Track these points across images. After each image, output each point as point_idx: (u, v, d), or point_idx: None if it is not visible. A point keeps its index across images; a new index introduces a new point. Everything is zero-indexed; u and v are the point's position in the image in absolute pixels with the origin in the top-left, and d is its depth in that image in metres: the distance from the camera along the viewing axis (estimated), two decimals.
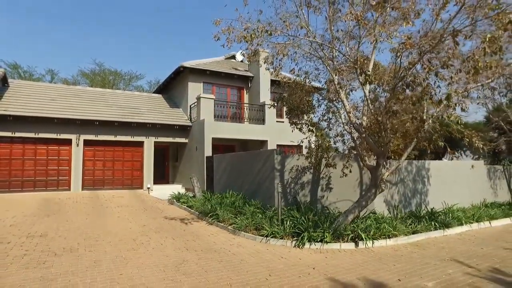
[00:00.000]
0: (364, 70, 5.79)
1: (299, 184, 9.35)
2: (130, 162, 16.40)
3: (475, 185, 12.20)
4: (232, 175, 12.04)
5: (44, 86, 18.13)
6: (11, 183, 14.12)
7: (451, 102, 5.62)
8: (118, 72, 34.85)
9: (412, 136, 6.87)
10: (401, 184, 9.94)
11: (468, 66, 4.86)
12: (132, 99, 18.43)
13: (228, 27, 6.54)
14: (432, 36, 5.21)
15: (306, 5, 7.08)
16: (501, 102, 13.13)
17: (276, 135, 16.33)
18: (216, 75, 17.41)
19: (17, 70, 30.43)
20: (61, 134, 14.78)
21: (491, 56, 4.58)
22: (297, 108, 9.06)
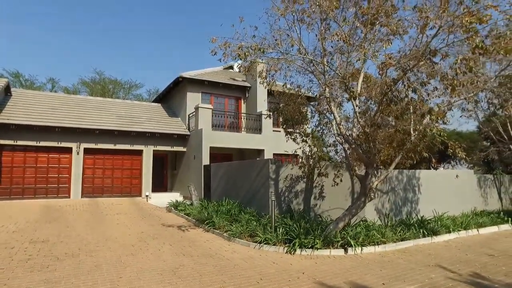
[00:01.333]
0: (349, 86, 6.16)
1: (293, 192, 9.67)
2: (129, 170, 16.70)
3: (466, 194, 12.54)
4: (228, 183, 12.36)
5: (46, 95, 18.52)
6: (12, 190, 14.39)
7: (433, 116, 6.00)
8: (118, 81, 35.37)
9: (399, 147, 7.22)
10: (392, 193, 10.27)
11: (445, 83, 5.23)
12: (131, 108, 18.81)
13: (224, 42, 6.92)
14: (412, 55, 5.59)
15: (299, 21, 7.50)
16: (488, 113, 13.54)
17: (273, 144, 16.68)
18: (214, 85, 17.84)
19: (19, 78, 30.90)
20: (62, 143, 15.10)
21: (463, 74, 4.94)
22: (292, 119, 9.46)
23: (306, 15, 7.31)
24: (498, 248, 8.08)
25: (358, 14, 6.97)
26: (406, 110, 5.74)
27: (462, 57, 4.74)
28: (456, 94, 6.61)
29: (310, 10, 7.16)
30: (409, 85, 5.51)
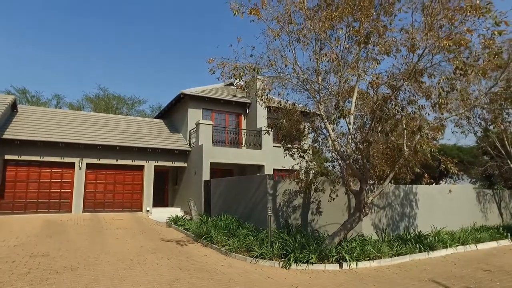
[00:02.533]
0: (340, 105, 6.39)
1: (291, 207, 9.78)
2: (131, 185, 16.88)
3: (465, 209, 12.56)
4: (228, 199, 12.49)
5: (51, 111, 18.92)
6: (15, 205, 14.56)
7: (423, 132, 6.19)
8: (121, 97, 35.95)
9: (392, 163, 7.38)
10: (389, 208, 10.35)
11: (432, 102, 5.45)
12: (134, 124, 19.15)
13: (221, 62, 7.22)
14: (400, 74, 5.84)
15: (295, 41, 7.82)
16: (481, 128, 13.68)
17: (273, 160, 16.86)
18: (215, 102, 18.19)
19: (25, 95, 31.54)
20: (65, 158, 15.36)
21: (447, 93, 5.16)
22: (289, 135, 9.67)
23: (301, 35, 7.63)
24: (495, 263, 8.09)
25: (352, 34, 7.29)
26: (396, 127, 5.94)
27: (445, 77, 4.98)
28: (446, 111, 6.83)
29: (305, 31, 7.48)
30: (396, 103, 5.73)
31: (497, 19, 4.69)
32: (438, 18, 5.26)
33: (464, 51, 5.14)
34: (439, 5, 5.60)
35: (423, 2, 5.62)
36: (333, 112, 9.06)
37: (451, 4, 5.66)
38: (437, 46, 5.03)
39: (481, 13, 4.73)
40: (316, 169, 9.20)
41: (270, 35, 7.55)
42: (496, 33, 4.79)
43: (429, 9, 5.37)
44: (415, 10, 6.41)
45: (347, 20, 7.34)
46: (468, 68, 4.73)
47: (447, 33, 5.01)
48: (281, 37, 7.52)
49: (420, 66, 6.11)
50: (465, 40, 4.76)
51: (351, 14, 7.12)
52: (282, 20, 7.35)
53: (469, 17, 4.97)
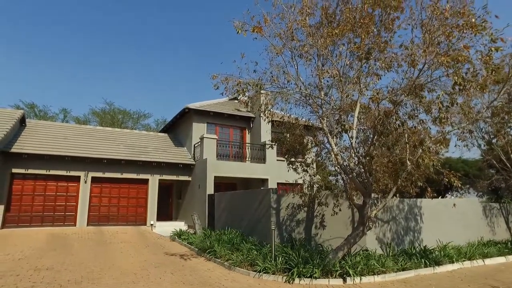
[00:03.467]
0: (341, 120, 6.49)
1: (294, 221, 9.76)
2: (135, 199, 16.95)
3: (471, 223, 12.42)
4: (232, 212, 12.49)
5: (57, 125, 19.23)
6: (20, 218, 14.66)
7: (425, 146, 6.23)
8: (127, 111, 36.40)
9: (395, 177, 7.40)
10: (393, 222, 10.28)
11: (432, 116, 5.53)
12: (139, 138, 19.35)
13: (225, 78, 7.38)
14: (401, 89, 5.94)
15: (298, 56, 7.99)
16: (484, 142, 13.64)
17: (277, 174, 16.88)
18: (219, 116, 18.38)
19: (34, 109, 32.08)
20: (71, 171, 15.53)
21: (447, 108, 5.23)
22: (293, 149, 9.75)
23: (303, 51, 7.80)
24: (503, 279, 7.96)
25: (353, 50, 7.43)
26: (398, 141, 6.00)
27: (444, 92, 5.06)
28: (448, 125, 6.88)
29: (307, 47, 7.65)
30: (396, 118, 5.81)
31: (493, 36, 4.80)
32: (436, 35, 5.39)
33: (463, 66, 5.23)
34: (437, 22, 5.73)
35: (422, 19, 5.77)
36: (335, 126, 9.16)
37: (449, 21, 5.80)
38: (436, 62, 5.13)
39: (477, 31, 4.85)
40: (320, 183, 9.22)
41: (273, 51, 7.73)
42: (493, 49, 4.89)
43: (427, 26, 5.51)
44: (415, 27, 6.56)
45: (348, 36, 7.51)
46: (467, 83, 4.82)
47: (445, 49, 5.12)
48: (284, 53, 7.70)
49: (421, 81, 6.21)
50: (463, 56, 4.86)
51: (352, 31, 7.29)
52: (284, 37, 7.53)
53: (466, 34, 5.10)
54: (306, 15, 7.71)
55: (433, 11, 5.55)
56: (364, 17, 6.97)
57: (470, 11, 5.21)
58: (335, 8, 7.92)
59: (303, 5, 7.73)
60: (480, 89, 4.86)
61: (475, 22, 4.93)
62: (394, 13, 7.16)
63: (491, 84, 6.16)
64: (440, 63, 4.96)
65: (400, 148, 6.93)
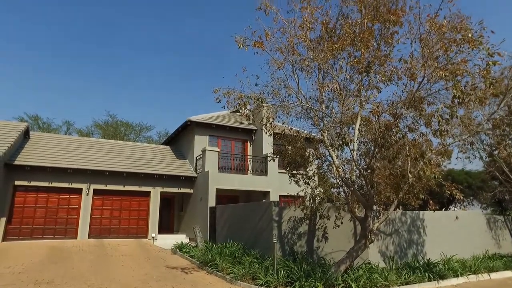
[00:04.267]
0: (342, 134, 6.53)
1: (296, 234, 9.71)
2: (137, 211, 16.90)
3: (475, 236, 12.29)
4: (233, 225, 12.43)
5: (61, 137, 19.36)
6: (22, 230, 14.61)
7: (426, 158, 6.25)
8: (129, 123, 36.64)
9: (397, 189, 7.39)
10: (396, 235, 10.20)
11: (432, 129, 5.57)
12: (141, 151, 19.43)
13: (227, 91, 7.47)
14: (401, 102, 6.00)
15: (299, 69, 8.09)
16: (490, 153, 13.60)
17: (279, 186, 16.84)
18: (221, 129, 18.47)
19: (37, 121, 32.37)
20: (73, 184, 15.55)
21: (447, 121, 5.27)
22: (294, 162, 9.76)
23: (304, 65, 7.91)
24: None
25: (353, 64, 7.54)
26: (398, 154, 6.03)
27: (443, 105, 5.12)
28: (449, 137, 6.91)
29: (307, 61, 7.76)
30: (397, 131, 5.86)
31: (489, 50, 4.89)
32: (434, 49, 5.48)
33: (462, 80, 5.30)
34: (436, 36, 5.84)
35: (420, 34, 5.88)
36: (336, 139, 9.20)
37: (447, 35, 5.90)
38: (435, 75, 5.21)
39: (474, 45, 4.93)
40: (322, 196, 9.21)
41: (274, 65, 7.84)
42: (491, 63, 4.97)
43: (425, 41, 5.61)
44: (413, 41, 6.67)
45: (348, 50, 7.63)
46: (466, 96, 4.88)
47: (443, 63, 5.20)
48: (285, 66, 7.81)
49: (421, 94, 6.28)
50: (461, 70, 4.94)
51: (352, 45, 7.40)
52: (285, 51, 7.66)
53: (464, 48, 5.18)
54: (307, 29, 7.85)
55: (431, 26, 5.67)
56: (364, 32, 7.09)
57: (467, 26, 5.32)
58: (335, 23, 8.08)
59: (304, 20, 7.88)
60: (479, 102, 4.91)
61: (472, 37, 5.03)
62: (393, 28, 7.30)
63: (490, 96, 6.23)
64: (439, 76, 5.04)
65: (401, 160, 6.95)
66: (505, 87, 8.35)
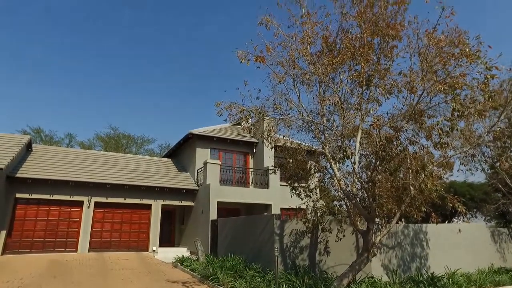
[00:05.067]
0: (343, 147, 6.57)
1: (298, 248, 9.63)
2: (137, 224, 16.83)
3: (480, 249, 12.15)
4: (235, 238, 12.35)
5: (63, 150, 19.44)
6: (21, 244, 14.53)
7: (427, 171, 6.26)
8: (131, 136, 36.80)
9: (399, 202, 7.37)
10: (399, 248, 10.11)
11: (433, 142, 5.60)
12: (142, 163, 19.46)
13: (229, 105, 7.55)
14: (402, 115, 6.06)
15: (300, 83, 8.19)
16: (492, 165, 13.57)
17: (280, 199, 16.79)
18: (222, 141, 18.54)
19: (40, 134, 32.56)
20: (74, 196, 15.54)
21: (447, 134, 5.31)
22: (296, 174, 9.77)
23: (305, 78, 8.01)
24: None
25: (354, 77, 7.63)
26: (399, 166, 6.05)
27: (443, 118, 5.17)
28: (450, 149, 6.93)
29: (308, 75, 7.86)
30: (398, 144, 5.90)
31: (487, 64, 4.97)
32: (433, 63, 5.57)
33: (461, 93, 5.37)
34: (434, 50, 5.94)
35: (419, 48, 5.98)
36: (337, 152, 9.23)
37: (446, 49, 6.00)
38: (434, 89, 5.28)
39: (471, 60, 5.02)
40: (323, 208, 9.18)
41: (275, 79, 7.95)
42: (489, 77, 5.04)
43: (424, 55, 5.70)
44: (413, 55, 6.77)
45: (348, 64, 7.74)
46: (465, 109, 4.94)
47: (442, 77, 5.28)
48: (286, 80, 7.91)
49: (421, 106, 6.34)
50: (459, 83, 5.01)
51: (352, 59, 7.51)
52: (286, 65, 7.77)
53: (462, 62, 5.27)
54: (307, 44, 7.99)
55: (429, 41, 5.77)
56: (364, 46, 7.21)
57: (465, 41, 5.42)
58: (335, 37, 8.21)
59: (304, 35, 8.02)
60: (479, 115, 4.97)
61: (470, 51, 5.12)
62: (393, 42, 7.42)
63: (490, 109, 6.29)
64: (438, 90, 5.11)
65: (403, 173, 6.97)
66: (505, 100, 8.40)
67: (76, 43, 58.90)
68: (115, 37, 63.38)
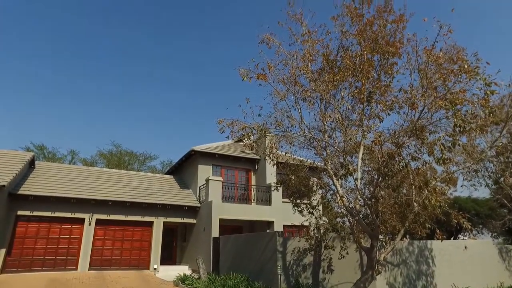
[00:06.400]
0: (345, 164, 6.58)
1: (301, 266, 9.48)
2: (139, 242, 16.65)
3: (488, 267, 11.90)
4: (237, 256, 12.18)
5: (65, 167, 19.49)
6: (21, 262, 14.34)
7: (430, 187, 6.22)
8: (133, 153, 36.88)
9: (402, 218, 7.30)
10: (404, 265, 9.93)
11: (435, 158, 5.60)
12: (144, 180, 19.43)
13: (231, 122, 7.61)
14: (403, 131, 6.08)
15: (302, 99, 8.26)
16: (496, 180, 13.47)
17: (283, 216, 16.62)
18: (224, 158, 18.54)
19: (43, 151, 32.71)
20: (76, 213, 15.44)
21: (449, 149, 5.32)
22: (298, 191, 9.72)
23: (306, 95, 8.09)
24: None
25: (355, 94, 7.71)
26: (402, 182, 6.03)
27: (444, 134, 5.19)
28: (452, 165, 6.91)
29: (309, 92, 7.95)
30: (400, 160, 5.90)
31: (486, 80, 5.03)
32: (433, 79, 5.64)
33: (462, 108, 5.41)
34: (434, 67, 6.02)
35: (418, 64, 6.07)
36: (340, 168, 9.21)
37: (445, 65, 6.08)
38: (435, 105, 5.33)
39: (470, 76, 5.08)
40: (326, 225, 9.08)
41: (277, 96, 8.03)
42: (489, 92, 5.09)
43: (424, 72, 5.78)
44: (412, 71, 6.86)
45: (349, 81, 7.83)
46: (467, 124, 4.96)
47: (442, 93, 5.33)
48: (287, 97, 7.99)
49: (422, 122, 6.37)
50: (460, 99, 5.06)
51: (353, 76, 7.61)
52: (287, 82, 7.87)
53: (462, 79, 5.34)
54: (308, 61, 8.11)
55: (428, 57, 5.86)
56: (364, 63, 7.31)
57: (463, 58, 5.50)
58: (335, 55, 8.34)
59: (305, 53, 8.16)
60: (480, 131, 4.98)
61: (469, 67, 5.19)
62: (392, 58, 7.53)
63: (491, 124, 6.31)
64: (439, 106, 5.15)
65: (406, 189, 6.93)
66: (506, 114, 8.43)
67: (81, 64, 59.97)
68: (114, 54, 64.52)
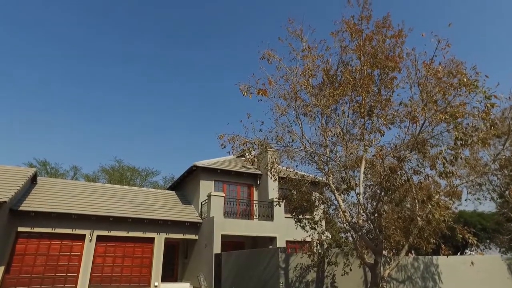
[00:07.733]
0: (347, 179, 6.53)
1: (304, 282, 9.28)
2: (140, 258, 16.42)
3: (497, 283, 11.61)
4: (239, 273, 11.97)
5: (67, 183, 19.42)
6: (19, 280, 14.09)
7: (434, 201, 6.14)
8: (135, 168, 36.88)
9: (406, 233, 7.18)
10: (409, 282, 9.71)
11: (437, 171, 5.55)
12: (146, 196, 19.32)
13: (232, 137, 7.61)
14: (404, 144, 6.06)
15: (303, 114, 8.28)
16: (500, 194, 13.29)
17: (285, 231, 16.41)
18: (226, 174, 18.47)
19: (46, 167, 32.79)
20: (76, 230, 15.29)
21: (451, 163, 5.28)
22: (300, 206, 9.63)
23: (307, 110, 8.11)
24: None
25: (355, 108, 7.73)
26: (405, 197, 5.96)
27: (446, 147, 5.16)
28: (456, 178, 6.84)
29: (310, 107, 7.98)
30: (402, 174, 5.85)
31: (486, 93, 5.04)
32: (432, 93, 5.65)
33: (462, 121, 5.40)
34: (433, 80, 6.04)
35: (418, 79, 6.10)
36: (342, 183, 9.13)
37: (445, 79, 6.11)
38: (435, 118, 5.32)
39: (470, 89, 5.10)
40: (329, 241, 8.94)
41: (278, 111, 8.06)
42: (489, 105, 5.09)
43: (423, 85, 5.80)
44: (412, 85, 6.89)
45: (350, 95, 7.87)
46: (468, 138, 4.94)
47: (443, 106, 5.34)
48: (288, 112, 8.02)
49: (424, 136, 6.35)
50: (460, 112, 5.05)
51: (353, 90, 7.65)
52: (288, 97, 7.92)
53: (462, 92, 5.35)
54: (309, 76, 8.18)
55: (427, 71, 5.90)
56: (364, 77, 7.36)
57: (463, 71, 5.53)
58: (335, 70, 8.42)
59: (305, 68, 8.23)
60: (482, 144, 4.96)
61: (468, 81, 5.21)
62: (392, 73, 7.58)
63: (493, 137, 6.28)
64: (439, 119, 5.15)
65: (409, 203, 6.85)
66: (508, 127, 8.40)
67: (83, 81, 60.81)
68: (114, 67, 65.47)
